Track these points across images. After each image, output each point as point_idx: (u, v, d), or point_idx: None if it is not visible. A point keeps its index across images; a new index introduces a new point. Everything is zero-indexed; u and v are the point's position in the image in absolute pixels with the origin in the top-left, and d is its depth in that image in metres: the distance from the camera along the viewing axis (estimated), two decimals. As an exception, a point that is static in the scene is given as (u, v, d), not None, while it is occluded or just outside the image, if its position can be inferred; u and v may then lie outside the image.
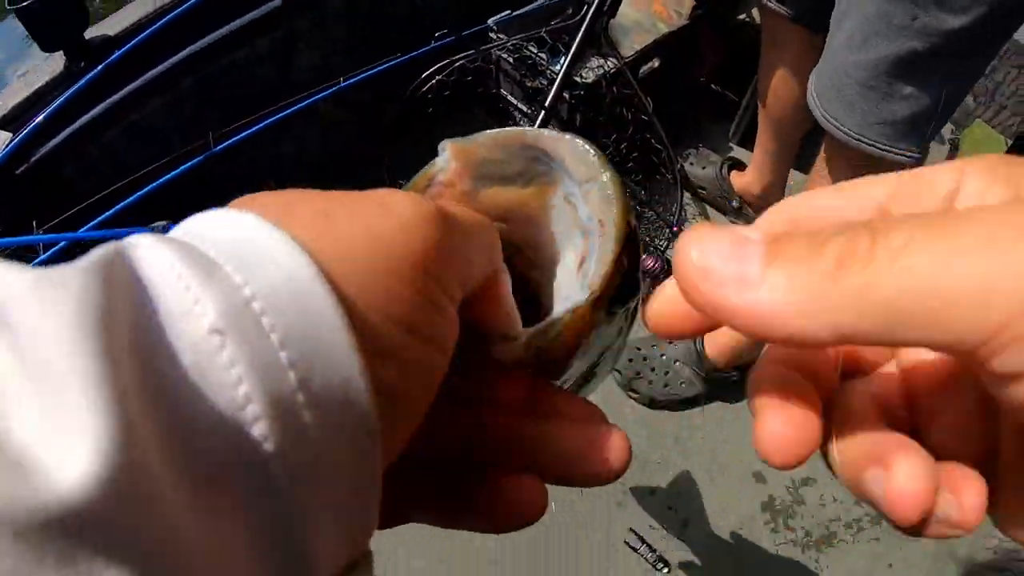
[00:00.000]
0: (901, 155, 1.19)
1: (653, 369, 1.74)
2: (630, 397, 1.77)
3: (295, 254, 0.20)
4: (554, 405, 0.31)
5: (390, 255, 0.23)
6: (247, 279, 0.19)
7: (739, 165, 2.04)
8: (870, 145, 1.20)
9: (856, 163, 1.25)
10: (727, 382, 1.72)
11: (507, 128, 0.35)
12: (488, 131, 0.35)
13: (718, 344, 1.70)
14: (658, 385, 1.73)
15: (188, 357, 0.17)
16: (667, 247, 1.86)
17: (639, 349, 1.76)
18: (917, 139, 1.20)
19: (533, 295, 0.39)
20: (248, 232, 0.21)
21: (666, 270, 1.75)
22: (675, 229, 1.78)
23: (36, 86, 1.53)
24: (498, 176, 0.36)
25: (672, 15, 1.98)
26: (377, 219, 0.23)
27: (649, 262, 1.77)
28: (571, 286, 0.35)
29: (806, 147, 1.81)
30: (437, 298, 0.24)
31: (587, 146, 0.34)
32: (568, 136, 0.34)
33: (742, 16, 2.30)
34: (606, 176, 0.33)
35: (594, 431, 0.29)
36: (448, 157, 0.34)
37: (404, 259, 0.23)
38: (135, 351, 0.17)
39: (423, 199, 0.25)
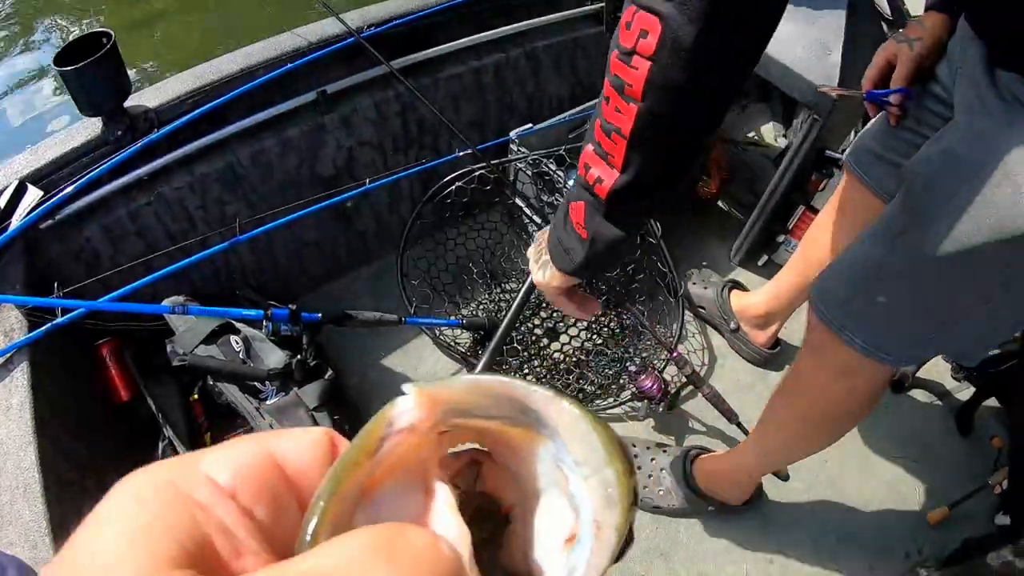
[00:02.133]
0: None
1: (640, 468, 1.75)
2: None
3: None
4: None
5: None
6: None
7: (739, 286, 2.06)
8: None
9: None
10: (703, 509, 1.72)
11: (489, 376, 0.30)
12: (466, 376, 0.30)
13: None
14: (638, 485, 1.72)
15: None
16: (664, 367, 1.88)
17: (635, 446, 1.79)
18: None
19: (499, 516, 0.36)
20: None
21: (664, 391, 1.76)
22: (674, 354, 1.79)
23: (71, 146, 1.54)
24: (477, 416, 0.31)
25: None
26: None
27: (647, 382, 1.77)
28: (555, 568, 0.31)
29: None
30: None
31: (589, 424, 0.29)
32: (566, 404, 0.29)
33: (751, 134, 2.37)
34: (611, 471, 0.29)
35: None
36: (414, 402, 0.29)
37: None
38: None
39: None
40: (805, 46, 1.70)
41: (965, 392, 1.98)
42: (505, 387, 0.30)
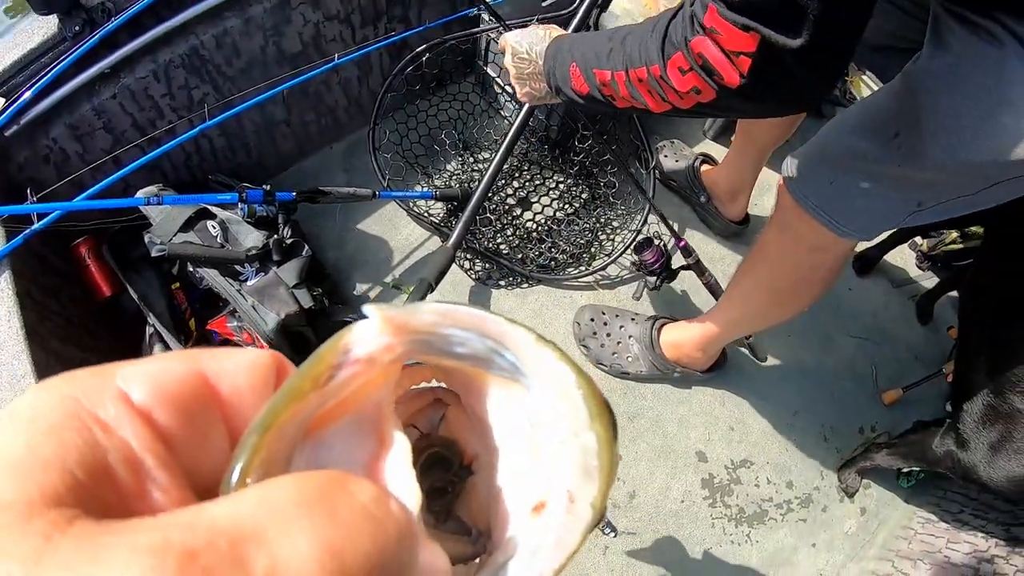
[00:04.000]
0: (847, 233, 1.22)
1: (609, 335, 1.82)
2: (580, 351, 1.84)
3: None
4: None
5: None
6: None
7: (711, 160, 2.05)
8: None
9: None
10: (670, 375, 1.80)
11: (463, 306, 0.25)
12: (437, 303, 0.25)
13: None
14: (607, 351, 1.81)
15: None
16: (669, 243, 1.89)
17: (604, 314, 1.85)
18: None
19: (460, 465, 0.33)
20: None
21: (664, 265, 1.77)
22: (681, 243, 1.77)
23: (28, 48, 1.44)
24: (446, 352, 0.26)
25: (661, 6, 1.96)
26: None
27: (649, 256, 1.77)
28: (521, 536, 0.27)
29: (779, 149, 1.83)
30: None
31: (573, 377, 0.25)
32: (549, 353, 0.25)
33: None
34: (592, 437, 0.25)
35: None
36: (377, 328, 0.24)
37: None
38: None
39: None
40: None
41: (928, 281, 2.04)
42: (479, 320, 0.25)
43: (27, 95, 1.40)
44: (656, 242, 1.75)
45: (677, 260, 1.81)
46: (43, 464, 0.17)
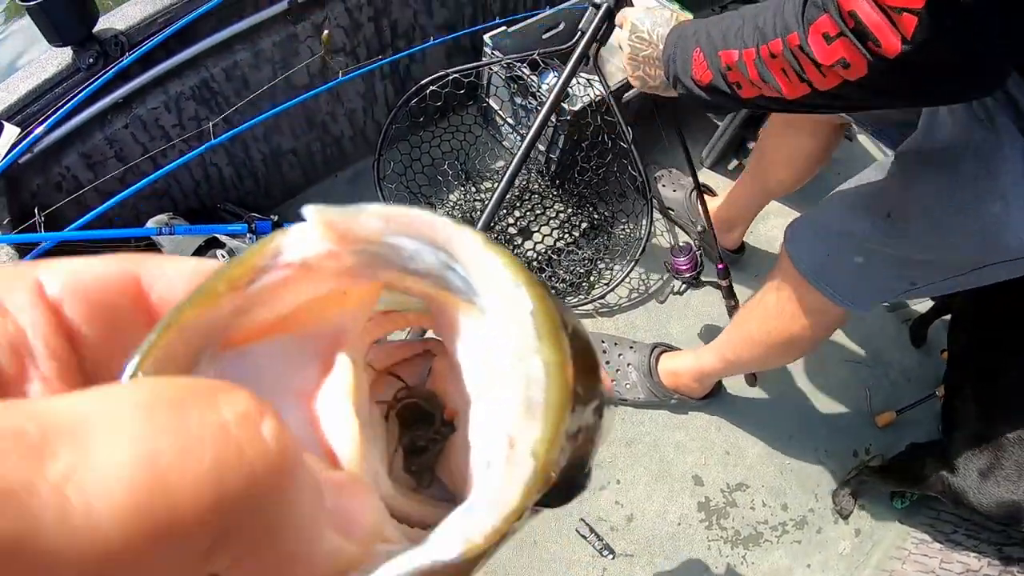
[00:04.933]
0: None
1: (608, 362, 1.84)
2: None
3: None
4: None
5: None
6: None
7: (708, 190, 2.09)
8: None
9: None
10: (668, 401, 1.82)
11: (407, 208, 0.21)
12: (380, 205, 0.21)
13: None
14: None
15: None
16: (631, 270, 1.93)
17: (603, 342, 1.87)
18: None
19: (443, 421, 0.28)
20: None
21: (696, 273, 1.80)
22: (719, 266, 1.77)
23: (42, 78, 1.48)
24: (396, 266, 0.22)
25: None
26: None
27: (684, 263, 1.79)
28: (494, 461, 0.20)
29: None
30: None
31: (520, 288, 0.20)
32: (496, 257, 0.20)
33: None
34: (537, 363, 0.19)
35: None
36: (317, 233, 0.21)
37: None
38: None
39: None
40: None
41: (922, 305, 2.07)
42: (427, 226, 0.21)
43: (46, 125, 1.43)
44: (694, 250, 1.78)
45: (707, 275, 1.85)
46: None
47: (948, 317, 1.78)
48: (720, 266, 1.74)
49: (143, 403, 0.14)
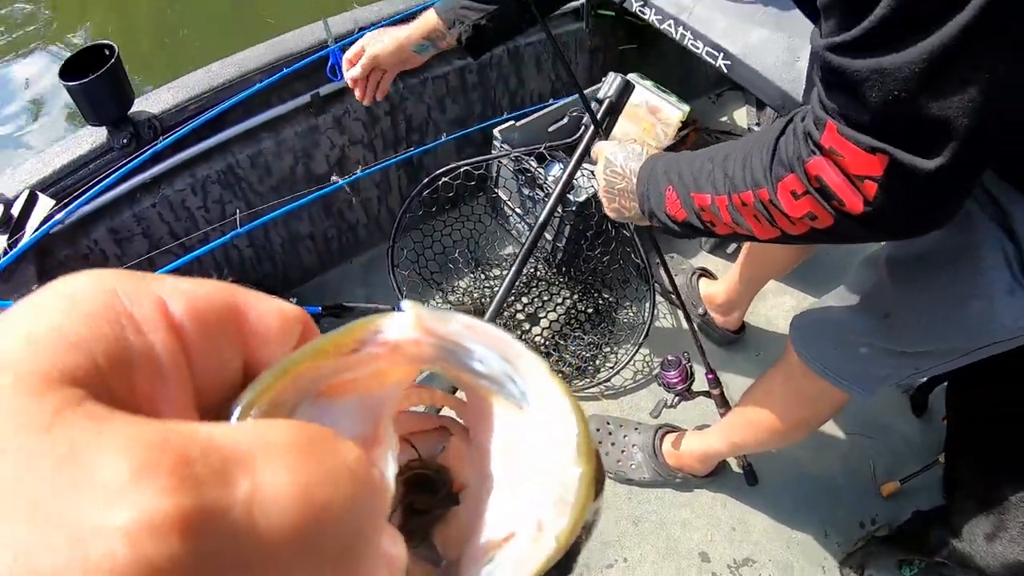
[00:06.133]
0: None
1: (614, 444, 1.85)
2: None
3: None
4: None
5: None
6: None
7: (708, 274, 2.13)
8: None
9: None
10: (672, 480, 1.81)
11: (491, 325, 0.26)
12: (465, 315, 0.26)
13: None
14: (612, 459, 1.84)
15: None
16: (635, 353, 1.96)
17: (609, 424, 1.88)
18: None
19: (448, 492, 0.33)
20: None
21: (687, 386, 1.74)
22: (709, 376, 1.77)
23: (78, 153, 1.56)
24: (464, 367, 0.27)
25: (660, 135, 2.10)
26: None
27: (674, 377, 1.74)
28: (475, 567, 0.26)
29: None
30: None
31: (572, 414, 0.25)
32: (556, 385, 0.25)
33: (724, 119, 2.42)
34: (576, 472, 0.25)
35: None
36: (410, 322, 0.25)
37: None
38: None
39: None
40: (776, 53, 1.74)
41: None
42: (502, 341, 0.26)
43: (80, 200, 1.51)
44: (683, 363, 1.79)
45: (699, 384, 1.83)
46: (68, 344, 0.18)
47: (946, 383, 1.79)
48: (710, 376, 1.75)
49: (291, 443, 0.18)
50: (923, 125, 0.61)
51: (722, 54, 1.77)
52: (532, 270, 2.14)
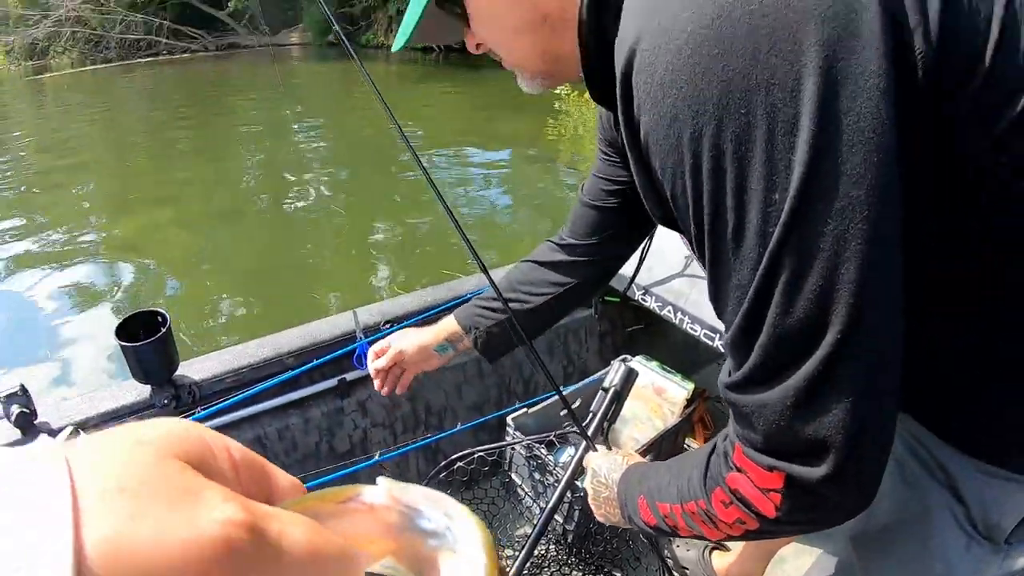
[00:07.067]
0: None
1: None
2: None
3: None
4: None
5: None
6: None
7: (721, 546, 2.11)
8: None
9: None
10: None
11: (436, 491, 0.38)
12: (420, 487, 0.38)
13: None
14: None
15: None
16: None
17: None
18: None
19: None
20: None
21: None
22: None
23: (121, 403, 1.70)
24: (416, 528, 0.37)
25: (667, 413, 2.20)
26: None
27: None
28: None
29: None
30: None
31: (484, 558, 0.36)
32: (476, 528, 0.37)
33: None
34: None
35: None
36: (385, 490, 0.37)
37: None
38: None
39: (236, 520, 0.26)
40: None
41: None
42: (440, 498, 0.38)
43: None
44: None
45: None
46: (174, 448, 0.28)
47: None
48: None
49: (304, 523, 0.30)
50: (804, 445, 0.70)
51: (718, 335, 1.89)
52: (544, 551, 2.15)
